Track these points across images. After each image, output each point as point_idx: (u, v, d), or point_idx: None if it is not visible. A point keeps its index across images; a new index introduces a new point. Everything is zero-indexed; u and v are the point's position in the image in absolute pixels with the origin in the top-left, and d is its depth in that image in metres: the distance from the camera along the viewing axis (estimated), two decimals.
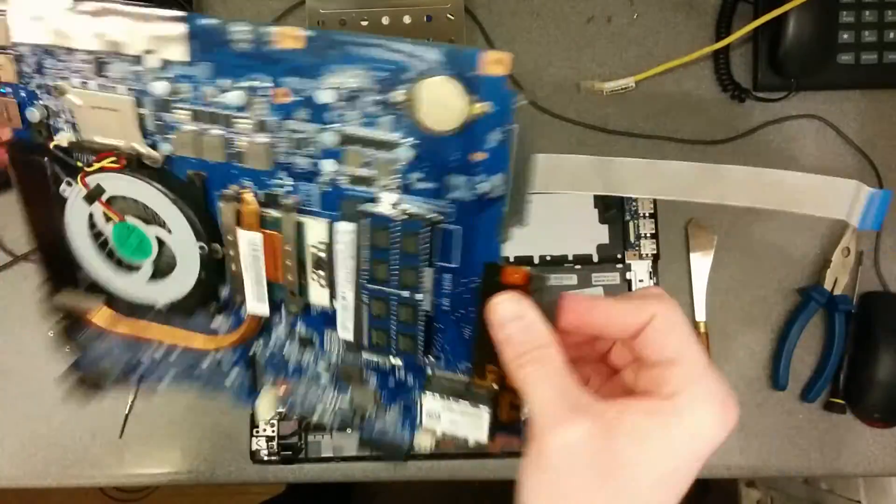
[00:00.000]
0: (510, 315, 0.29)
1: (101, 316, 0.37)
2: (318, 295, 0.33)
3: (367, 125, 0.29)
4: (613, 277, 0.59)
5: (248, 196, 0.32)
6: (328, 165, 0.31)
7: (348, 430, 0.38)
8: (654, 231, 0.60)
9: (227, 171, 0.32)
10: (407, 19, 0.61)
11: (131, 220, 0.33)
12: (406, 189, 0.30)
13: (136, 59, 0.30)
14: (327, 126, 0.30)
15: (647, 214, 0.60)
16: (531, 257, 0.60)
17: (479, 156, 0.29)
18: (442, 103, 0.28)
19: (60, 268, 0.35)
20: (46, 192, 0.33)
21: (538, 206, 0.60)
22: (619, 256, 0.60)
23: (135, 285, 0.35)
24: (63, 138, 0.33)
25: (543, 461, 0.27)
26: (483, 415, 0.32)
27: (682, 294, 0.61)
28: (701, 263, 0.61)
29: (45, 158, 0.33)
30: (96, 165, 0.32)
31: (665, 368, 0.29)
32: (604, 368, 0.34)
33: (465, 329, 0.32)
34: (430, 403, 0.33)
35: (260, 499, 0.86)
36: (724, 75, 0.62)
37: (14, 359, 0.61)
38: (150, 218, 0.33)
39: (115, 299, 0.36)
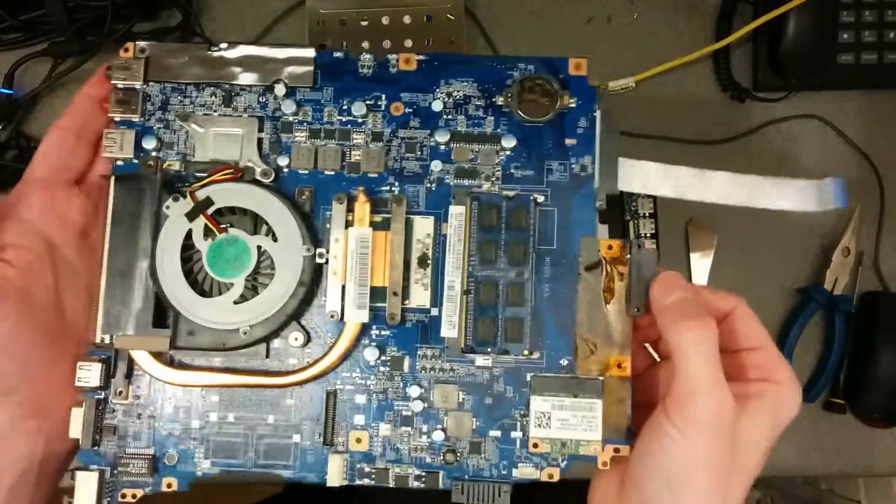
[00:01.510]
0: (675, 285, 0.33)
1: (155, 365, 0.35)
2: (419, 297, 0.35)
3: (471, 126, 0.36)
4: None
5: (362, 194, 0.35)
6: (435, 165, 0.36)
7: (440, 485, 0.35)
8: (654, 231, 0.60)
9: (337, 182, 0.36)
10: (407, 19, 0.61)
11: (234, 232, 0.35)
12: (506, 178, 0.36)
13: (265, 89, 0.36)
14: (438, 128, 0.36)
15: (647, 214, 0.60)
16: None
17: (570, 141, 0.36)
18: (539, 99, 0.35)
19: (125, 309, 0.35)
20: (140, 216, 0.35)
21: None
22: None
23: (219, 309, 0.35)
24: (174, 164, 0.36)
25: (689, 424, 0.29)
26: (595, 407, 0.33)
27: None
28: (701, 263, 0.61)
29: (155, 179, 0.35)
30: (209, 179, 0.35)
31: (750, 354, 0.33)
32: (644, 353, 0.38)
33: (566, 318, 0.34)
34: (540, 406, 0.33)
35: (260, 498, 0.86)
36: (724, 75, 0.62)
37: None
38: (255, 229, 0.36)
39: (183, 337, 0.35)
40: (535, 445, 0.33)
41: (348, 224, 0.35)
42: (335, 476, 0.35)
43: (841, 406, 0.59)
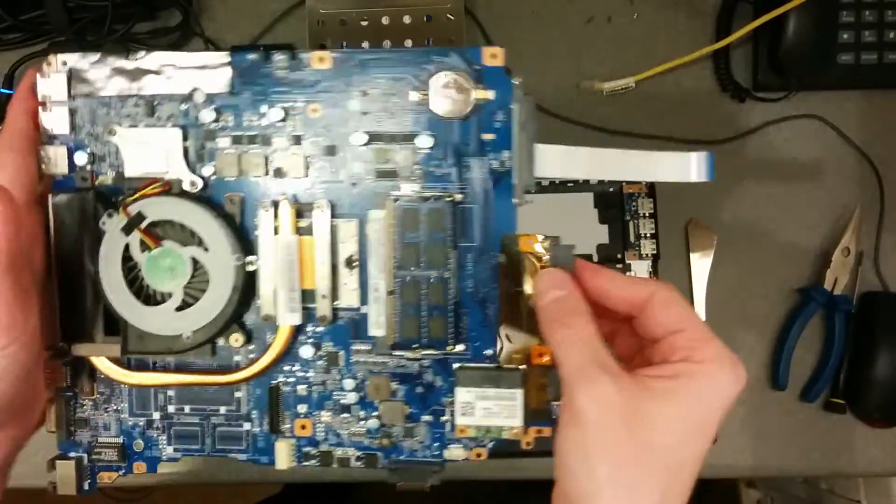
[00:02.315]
0: (552, 284, 0.33)
1: (112, 369, 0.37)
2: (348, 297, 0.36)
3: (389, 124, 0.35)
4: None
5: (285, 203, 0.35)
6: (356, 167, 0.35)
7: (379, 465, 0.37)
8: (654, 231, 0.60)
9: (263, 188, 0.36)
10: (407, 19, 0.61)
11: (167, 244, 0.36)
12: (426, 177, 0.35)
13: (185, 97, 0.35)
14: (356, 130, 0.35)
15: (647, 214, 0.60)
16: None
17: (488, 136, 0.34)
18: (452, 94, 0.33)
19: (79, 319, 0.36)
20: (82, 232, 0.36)
21: (537, 207, 0.60)
22: (619, 256, 0.60)
23: (162, 317, 0.36)
24: (107, 178, 0.36)
25: (576, 417, 0.29)
26: (516, 397, 0.34)
27: (683, 294, 0.61)
28: (701, 263, 0.61)
29: (88, 197, 0.36)
30: (139, 194, 0.36)
31: (672, 338, 0.31)
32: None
33: (489, 311, 0.35)
34: (464, 396, 0.34)
35: (259, 498, 0.86)
36: (724, 75, 0.62)
37: None
38: (187, 239, 0.36)
39: (133, 342, 0.36)
40: (462, 431, 0.35)
41: (276, 231, 0.35)
42: (283, 459, 0.37)
43: (841, 406, 0.59)
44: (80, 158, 0.36)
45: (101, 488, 0.40)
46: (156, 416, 0.38)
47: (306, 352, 0.37)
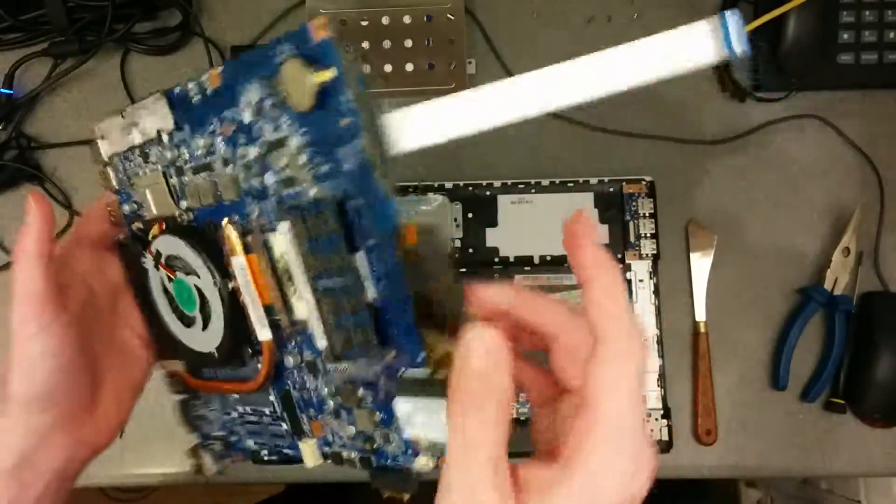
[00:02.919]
0: (481, 351, 0.26)
1: (188, 377, 0.42)
2: (300, 308, 0.34)
3: (274, 129, 0.31)
4: None
5: (227, 226, 0.35)
6: (268, 178, 0.33)
7: (372, 462, 0.36)
8: (654, 231, 0.60)
9: (223, 211, 0.36)
10: (407, 19, 0.61)
11: (180, 275, 0.38)
12: (316, 178, 0.31)
13: (157, 140, 0.37)
14: (256, 142, 0.33)
15: (647, 214, 0.60)
16: (531, 257, 0.60)
17: (346, 121, 0.28)
18: (296, 83, 0.28)
19: (159, 338, 0.42)
20: (140, 269, 0.41)
21: (538, 207, 0.61)
22: (619, 256, 0.60)
23: (195, 337, 0.39)
24: (140, 220, 0.40)
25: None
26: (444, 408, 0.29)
27: (682, 294, 0.61)
28: (701, 263, 0.61)
29: (129, 240, 0.41)
30: (150, 235, 0.39)
31: (579, 414, 0.25)
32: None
33: (409, 312, 0.30)
34: (403, 407, 0.31)
35: (259, 498, 0.86)
36: (724, 75, 0.62)
37: None
38: (190, 269, 0.38)
39: (188, 358, 0.41)
40: (416, 442, 0.32)
41: (231, 253, 0.36)
42: (309, 458, 0.38)
43: (841, 406, 0.59)
44: (126, 207, 0.41)
45: (101, 488, 0.40)
46: (234, 414, 0.42)
47: (290, 361, 0.37)
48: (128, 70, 0.63)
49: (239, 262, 0.35)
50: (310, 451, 0.38)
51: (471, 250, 0.59)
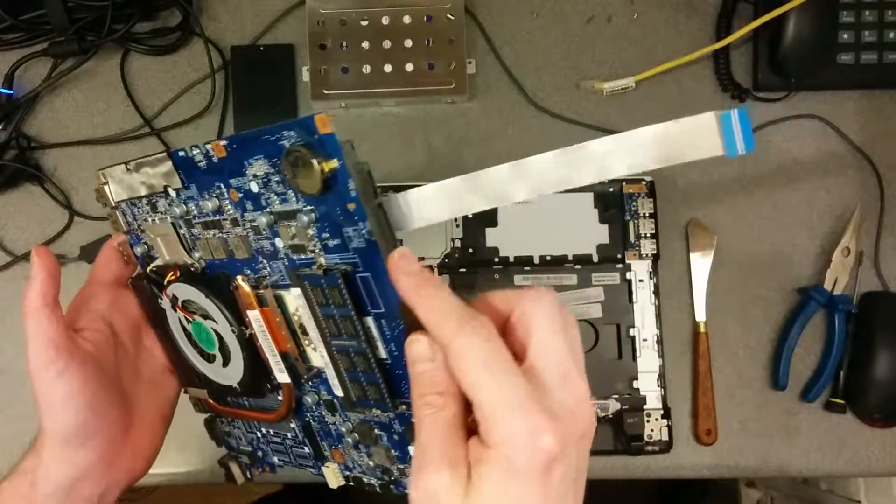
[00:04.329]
0: (418, 356, 0.31)
1: (211, 403, 0.45)
2: (315, 359, 0.37)
3: (282, 203, 0.34)
4: (613, 277, 0.59)
5: (241, 282, 0.38)
6: (278, 243, 0.35)
7: (393, 494, 0.40)
8: (654, 231, 0.60)
9: (233, 266, 0.38)
10: (407, 19, 0.61)
11: (198, 318, 0.40)
12: (325, 250, 0.33)
13: (163, 194, 0.39)
14: (263, 210, 0.35)
15: (647, 214, 0.60)
16: (531, 257, 0.60)
17: (351, 206, 0.31)
18: (304, 170, 0.31)
19: (181, 369, 0.44)
20: (156, 308, 0.43)
21: (538, 207, 0.61)
22: (619, 256, 0.60)
23: (217, 372, 0.42)
24: (154, 264, 0.42)
25: (416, 496, 0.29)
26: None
27: (682, 294, 0.61)
28: (701, 263, 0.61)
29: (144, 283, 0.42)
30: (166, 280, 0.41)
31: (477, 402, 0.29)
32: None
33: None
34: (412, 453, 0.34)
35: (258, 497, 0.86)
36: (724, 75, 0.62)
37: (15, 359, 0.62)
38: (206, 313, 0.40)
39: (212, 389, 0.43)
40: None
41: (249, 305, 0.38)
42: (332, 480, 0.41)
43: (841, 406, 0.59)
44: (138, 250, 0.42)
45: None
46: (259, 434, 0.45)
47: (309, 399, 0.39)
48: (128, 70, 0.63)
49: (254, 314, 0.38)
50: (332, 474, 0.41)
51: (471, 250, 0.59)
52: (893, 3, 0.61)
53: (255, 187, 0.34)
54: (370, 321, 0.34)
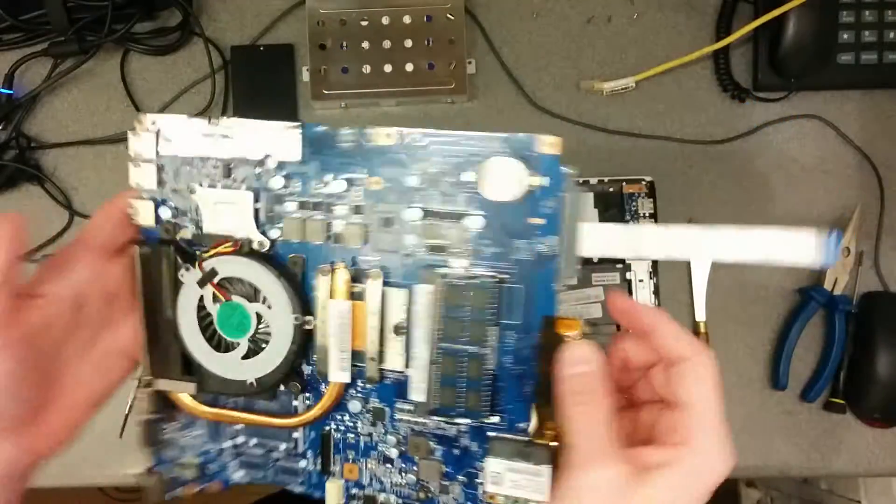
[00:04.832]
0: (579, 358, 0.33)
1: (190, 402, 0.41)
2: (394, 361, 0.38)
3: (444, 202, 0.36)
4: (613, 277, 0.59)
5: (342, 269, 0.37)
6: (409, 240, 0.37)
7: None
8: None
9: (324, 251, 0.38)
10: (407, 19, 0.61)
11: (236, 299, 0.38)
12: (475, 255, 0.36)
13: (258, 162, 0.38)
14: (412, 205, 0.36)
15: (647, 214, 0.60)
16: None
17: (538, 221, 0.35)
18: (505, 179, 0.34)
19: (162, 357, 0.40)
20: (161, 280, 0.39)
21: None
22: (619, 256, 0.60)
23: (230, 363, 0.39)
24: (187, 232, 0.39)
25: (572, 493, 0.31)
26: (544, 473, 0.35)
27: (682, 294, 0.61)
28: (701, 263, 0.61)
29: (172, 249, 0.39)
30: (213, 251, 0.38)
31: (683, 412, 0.32)
32: (625, 400, 0.37)
33: (526, 386, 0.36)
34: (494, 466, 0.36)
35: (256, 499, 0.86)
36: (724, 75, 0.62)
37: None
38: (253, 296, 0.38)
39: (207, 383, 0.40)
40: (491, 498, 0.37)
41: (332, 294, 0.37)
42: (332, 498, 0.40)
43: (841, 406, 0.59)
44: (165, 213, 0.39)
45: (101, 488, 0.40)
46: (227, 444, 0.42)
47: (355, 406, 0.39)
48: (128, 70, 0.63)
49: (341, 305, 0.37)
50: (335, 491, 0.40)
51: None
52: (893, 3, 0.61)
53: (413, 181, 0.36)
54: (494, 331, 0.36)
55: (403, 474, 0.39)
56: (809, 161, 0.62)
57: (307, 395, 0.40)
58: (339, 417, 0.39)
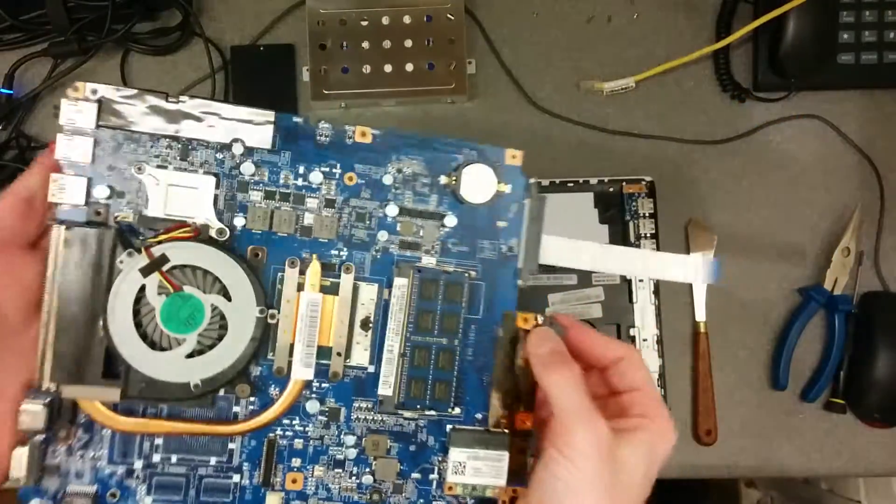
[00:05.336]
0: (545, 337, 0.38)
1: (105, 412, 0.35)
2: (360, 356, 0.38)
3: (418, 201, 0.39)
4: (613, 277, 0.59)
5: (315, 262, 0.37)
6: (382, 236, 0.38)
7: None
8: (654, 231, 0.60)
9: (290, 244, 0.37)
10: (407, 19, 0.61)
11: (189, 290, 0.35)
12: (444, 252, 0.39)
13: (223, 146, 0.37)
14: (387, 201, 0.38)
15: (647, 214, 0.60)
16: None
17: (502, 223, 0.39)
18: (481, 184, 0.38)
19: (73, 359, 0.35)
20: (90, 268, 0.34)
21: None
22: None
23: (171, 363, 0.35)
24: (127, 214, 0.35)
25: (571, 451, 0.33)
26: (503, 458, 0.38)
27: (683, 294, 0.61)
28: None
29: (108, 234, 0.35)
30: (164, 236, 0.35)
31: (633, 394, 0.37)
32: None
33: (484, 377, 0.39)
34: (457, 456, 0.38)
35: None
36: (724, 75, 0.62)
37: None
38: (208, 286, 0.36)
39: (133, 388, 0.35)
40: (450, 489, 0.38)
41: (300, 287, 0.37)
42: None
43: (841, 406, 0.59)
44: (100, 192, 0.35)
45: None
46: (138, 464, 0.37)
47: (312, 406, 0.38)
48: (128, 70, 0.63)
49: (311, 298, 0.37)
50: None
51: None
52: (893, 3, 0.61)
53: (388, 180, 0.38)
54: (462, 323, 0.38)
55: (356, 477, 0.39)
56: (809, 161, 0.62)
57: (251, 399, 0.37)
58: (286, 422, 0.38)
